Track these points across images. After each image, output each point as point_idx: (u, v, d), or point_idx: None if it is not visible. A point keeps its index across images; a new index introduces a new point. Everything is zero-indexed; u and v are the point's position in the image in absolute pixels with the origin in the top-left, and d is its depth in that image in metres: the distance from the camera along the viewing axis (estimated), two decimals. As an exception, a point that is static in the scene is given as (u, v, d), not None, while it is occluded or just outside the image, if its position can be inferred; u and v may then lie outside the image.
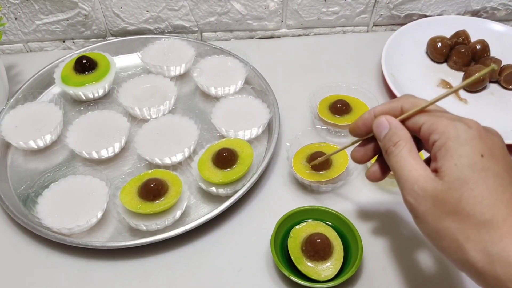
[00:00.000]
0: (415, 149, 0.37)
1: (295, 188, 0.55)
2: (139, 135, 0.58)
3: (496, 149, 0.34)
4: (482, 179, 0.33)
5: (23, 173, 0.58)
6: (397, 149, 0.37)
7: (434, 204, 0.34)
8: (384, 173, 0.43)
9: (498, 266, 0.31)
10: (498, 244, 0.31)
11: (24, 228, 0.51)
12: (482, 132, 0.35)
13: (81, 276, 0.48)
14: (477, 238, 0.32)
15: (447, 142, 0.34)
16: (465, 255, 0.33)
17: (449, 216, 0.33)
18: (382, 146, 0.39)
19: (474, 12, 0.79)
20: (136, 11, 0.74)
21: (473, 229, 0.32)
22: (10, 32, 0.74)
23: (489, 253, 0.31)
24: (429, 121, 0.36)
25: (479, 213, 0.32)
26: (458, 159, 0.33)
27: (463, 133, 0.34)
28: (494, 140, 0.35)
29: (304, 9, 0.76)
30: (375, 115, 0.40)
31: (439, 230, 0.34)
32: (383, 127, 0.39)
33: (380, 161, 0.42)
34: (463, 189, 0.33)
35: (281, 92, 0.64)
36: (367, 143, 0.43)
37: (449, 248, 0.34)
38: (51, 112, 0.61)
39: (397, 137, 0.37)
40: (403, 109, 0.39)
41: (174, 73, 0.67)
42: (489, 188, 0.32)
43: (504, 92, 0.68)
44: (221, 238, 0.51)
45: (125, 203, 0.49)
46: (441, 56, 0.72)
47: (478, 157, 0.33)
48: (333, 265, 0.46)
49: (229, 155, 0.53)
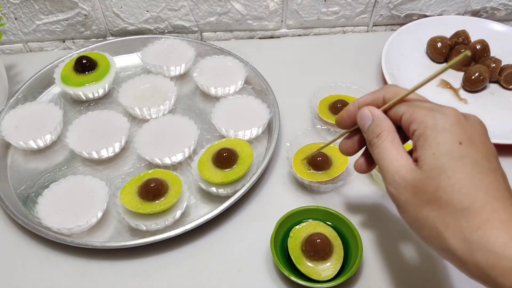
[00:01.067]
0: (398, 140, 0.37)
1: (295, 188, 0.55)
2: (139, 135, 0.58)
3: (475, 136, 0.34)
4: (459, 167, 0.33)
5: (23, 173, 0.58)
6: (380, 140, 0.37)
7: (414, 193, 0.34)
8: (370, 164, 0.43)
9: (478, 253, 0.31)
10: (477, 231, 0.31)
11: (24, 228, 0.51)
12: (461, 120, 0.34)
13: (81, 276, 0.48)
14: (456, 226, 0.32)
15: (425, 131, 0.34)
16: (445, 243, 0.33)
17: (428, 205, 0.33)
18: (366, 137, 0.39)
19: (474, 12, 0.79)
20: (136, 11, 0.74)
21: (452, 217, 0.32)
22: (10, 32, 0.74)
23: (468, 241, 0.31)
24: (408, 111, 0.36)
25: (457, 201, 0.32)
26: (436, 147, 0.33)
27: (441, 121, 0.34)
28: (474, 127, 0.35)
29: (304, 9, 0.76)
30: (359, 106, 0.40)
31: (419, 219, 0.34)
32: (366, 118, 0.39)
33: (366, 153, 0.43)
34: (441, 177, 0.33)
35: (281, 92, 0.64)
36: (354, 134, 0.43)
37: (430, 236, 0.34)
38: (51, 112, 0.61)
39: (380, 128, 0.37)
40: (385, 99, 0.39)
41: (174, 73, 0.67)
42: (467, 176, 0.32)
43: (504, 92, 0.68)
44: (221, 238, 0.51)
45: (125, 203, 0.49)
46: (441, 56, 0.72)
47: (456, 144, 0.33)
48: (333, 265, 0.46)
49: (229, 155, 0.53)
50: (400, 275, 0.47)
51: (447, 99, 0.67)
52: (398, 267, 0.48)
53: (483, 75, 0.66)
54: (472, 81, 0.67)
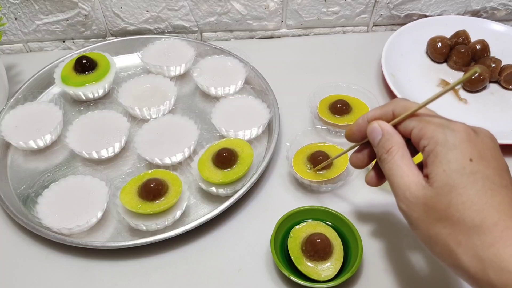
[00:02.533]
0: (408, 155, 0.37)
1: (295, 188, 0.55)
2: (139, 135, 0.58)
3: (486, 151, 0.34)
4: (470, 183, 0.32)
5: (23, 173, 0.58)
6: (390, 156, 0.37)
7: (425, 210, 0.34)
8: (380, 178, 0.43)
9: (491, 271, 0.31)
10: (490, 249, 0.31)
11: (24, 228, 0.51)
12: (471, 135, 0.34)
13: (81, 276, 0.48)
14: (468, 243, 0.32)
15: (435, 147, 0.34)
16: (457, 260, 0.33)
17: (439, 222, 0.33)
18: (376, 152, 0.39)
19: (474, 12, 0.79)
20: (136, 11, 0.74)
21: (464, 234, 0.32)
22: (10, 32, 0.74)
23: (481, 258, 0.31)
24: (418, 126, 0.36)
25: (468, 218, 0.32)
26: (447, 164, 0.33)
27: (451, 138, 0.34)
28: (485, 142, 0.35)
29: (304, 9, 0.76)
30: (368, 121, 0.40)
31: (431, 236, 0.34)
32: (376, 133, 0.39)
33: (377, 167, 0.42)
34: (452, 194, 0.33)
35: (281, 92, 0.64)
36: (364, 148, 0.43)
37: (442, 253, 0.34)
38: (51, 112, 0.61)
39: (390, 144, 0.37)
40: (394, 113, 0.38)
41: (174, 73, 0.67)
42: (478, 193, 0.32)
43: (504, 92, 0.68)
44: (221, 238, 0.51)
45: (125, 203, 0.49)
46: (441, 56, 0.72)
47: (467, 161, 0.33)
48: (333, 265, 0.46)
49: (229, 155, 0.53)
50: (400, 275, 0.47)
51: (447, 99, 0.67)
52: (398, 267, 0.48)
53: (483, 75, 0.66)
54: (472, 81, 0.67)
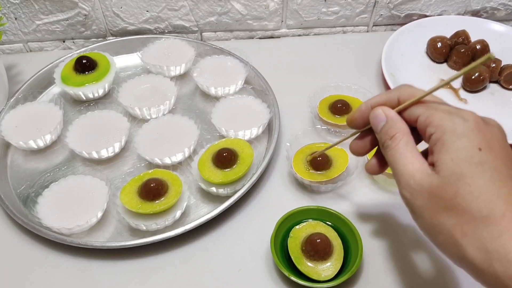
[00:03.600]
0: (413, 142, 0.36)
1: (295, 188, 0.55)
2: (139, 135, 0.58)
3: (495, 142, 0.33)
4: (479, 173, 0.32)
5: (23, 173, 0.58)
6: (394, 143, 0.36)
7: (430, 199, 0.33)
8: (382, 166, 0.42)
9: (497, 263, 0.30)
10: (496, 240, 0.30)
11: (24, 228, 0.51)
12: (480, 124, 0.34)
13: (81, 276, 0.48)
14: (474, 234, 0.31)
15: (443, 135, 0.33)
16: (462, 251, 0.32)
17: (445, 212, 0.33)
18: (379, 139, 0.38)
19: (474, 12, 0.79)
20: (136, 11, 0.74)
21: (470, 225, 0.31)
22: (10, 32, 0.74)
23: (487, 250, 0.31)
24: (425, 113, 0.35)
25: (476, 209, 0.31)
26: (455, 153, 0.32)
27: (460, 126, 0.33)
28: (494, 132, 0.34)
29: (304, 9, 0.76)
30: (372, 107, 0.39)
31: (435, 225, 0.33)
32: (380, 119, 0.38)
33: (379, 154, 0.41)
34: (459, 184, 0.32)
35: (281, 92, 0.64)
36: (366, 135, 0.42)
37: (445, 243, 0.33)
38: (51, 112, 0.61)
39: (394, 130, 0.36)
40: (400, 99, 0.38)
41: (174, 73, 0.67)
42: (486, 183, 0.32)
43: (504, 92, 0.68)
44: (221, 238, 0.51)
45: (125, 203, 0.49)
46: (441, 56, 0.72)
47: (475, 150, 0.32)
48: (333, 265, 0.46)
49: (229, 155, 0.53)
50: (400, 274, 0.47)
51: (447, 99, 0.64)
52: (398, 266, 0.48)
53: (483, 75, 0.66)
54: (472, 81, 0.67)
